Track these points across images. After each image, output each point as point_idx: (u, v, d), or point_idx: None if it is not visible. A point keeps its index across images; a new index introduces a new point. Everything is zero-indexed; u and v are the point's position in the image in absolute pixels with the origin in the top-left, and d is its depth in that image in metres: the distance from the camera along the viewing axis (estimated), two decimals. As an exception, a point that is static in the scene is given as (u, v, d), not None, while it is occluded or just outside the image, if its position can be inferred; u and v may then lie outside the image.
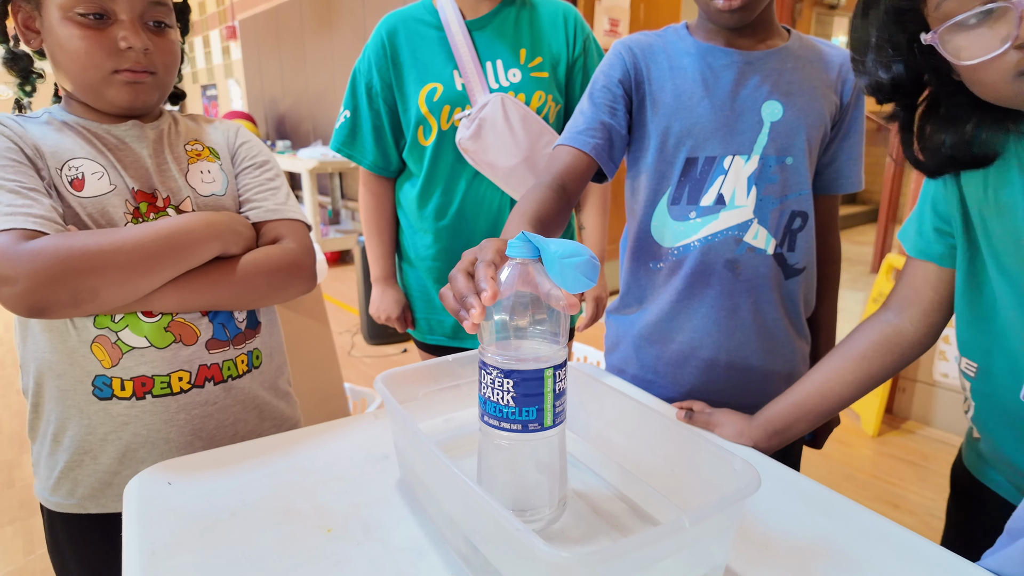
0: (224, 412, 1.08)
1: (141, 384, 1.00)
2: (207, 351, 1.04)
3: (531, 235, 0.67)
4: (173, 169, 1.06)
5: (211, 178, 1.10)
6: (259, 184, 1.14)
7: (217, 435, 1.08)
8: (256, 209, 1.12)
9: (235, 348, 1.08)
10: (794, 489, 0.87)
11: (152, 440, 1.03)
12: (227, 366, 1.07)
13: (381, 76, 1.54)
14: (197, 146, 1.12)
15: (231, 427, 1.09)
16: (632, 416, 0.82)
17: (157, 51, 1.02)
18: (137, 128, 1.05)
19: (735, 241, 1.12)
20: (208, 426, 1.06)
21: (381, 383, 0.84)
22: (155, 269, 0.94)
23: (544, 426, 0.69)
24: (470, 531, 0.69)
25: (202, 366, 1.04)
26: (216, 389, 1.06)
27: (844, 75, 1.15)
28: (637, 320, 1.24)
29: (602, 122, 1.12)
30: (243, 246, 1.05)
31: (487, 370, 0.69)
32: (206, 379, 1.05)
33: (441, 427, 0.96)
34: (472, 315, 0.65)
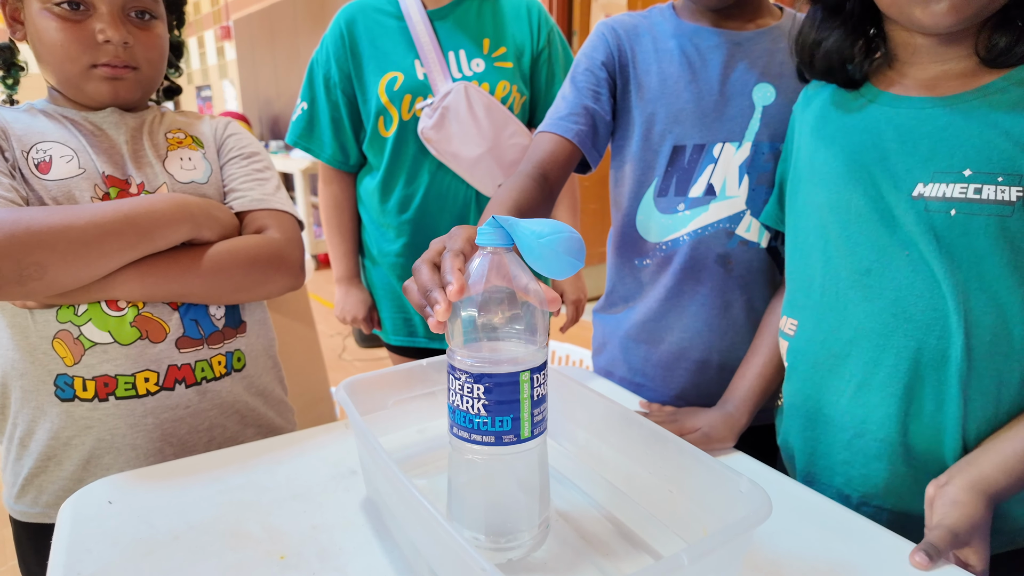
0: (198, 417, 1.00)
1: (103, 384, 0.93)
2: (177, 350, 0.96)
3: (503, 218, 0.60)
4: (150, 155, 0.99)
5: (191, 165, 1.03)
6: (245, 174, 1.07)
7: (190, 441, 1.00)
8: (240, 198, 1.04)
9: (210, 348, 1.00)
10: (804, 507, 0.80)
11: (118, 446, 0.95)
12: (201, 367, 0.99)
13: (340, 66, 1.47)
14: (179, 134, 1.05)
15: (206, 433, 1.01)
16: (622, 426, 0.75)
17: (140, 44, 0.96)
18: (116, 115, 0.99)
19: (727, 234, 1.05)
20: (180, 431, 0.98)
21: (343, 391, 0.76)
22: (112, 248, 0.86)
23: (521, 438, 0.62)
24: (434, 563, 0.62)
25: (171, 366, 0.96)
26: (188, 392, 0.98)
27: None
28: (624, 320, 1.17)
29: (585, 107, 1.05)
30: (220, 232, 0.97)
31: (455, 375, 0.62)
32: (176, 381, 0.97)
33: (413, 440, 0.87)
34: (437, 312, 0.59)
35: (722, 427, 0.94)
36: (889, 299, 0.79)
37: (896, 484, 0.82)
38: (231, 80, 7.50)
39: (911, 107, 0.79)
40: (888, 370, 0.79)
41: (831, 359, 0.85)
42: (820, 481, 0.90)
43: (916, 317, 0.77)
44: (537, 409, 0.63)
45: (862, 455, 0.83)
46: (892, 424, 0.80)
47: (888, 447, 0.81)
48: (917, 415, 0.78)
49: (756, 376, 1.00)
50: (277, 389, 1.14)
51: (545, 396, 0.64)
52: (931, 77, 0.79)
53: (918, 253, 0.76)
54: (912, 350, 0.77)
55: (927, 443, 0.79)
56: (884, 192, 0.78)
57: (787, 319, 0.93)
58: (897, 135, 0.78)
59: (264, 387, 1.09)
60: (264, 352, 1.10)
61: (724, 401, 1.00)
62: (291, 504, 0.78)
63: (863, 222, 0.80)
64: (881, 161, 0.79)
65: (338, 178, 1.59)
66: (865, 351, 0.81)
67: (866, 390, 0.82)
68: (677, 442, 0.67)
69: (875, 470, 0.83)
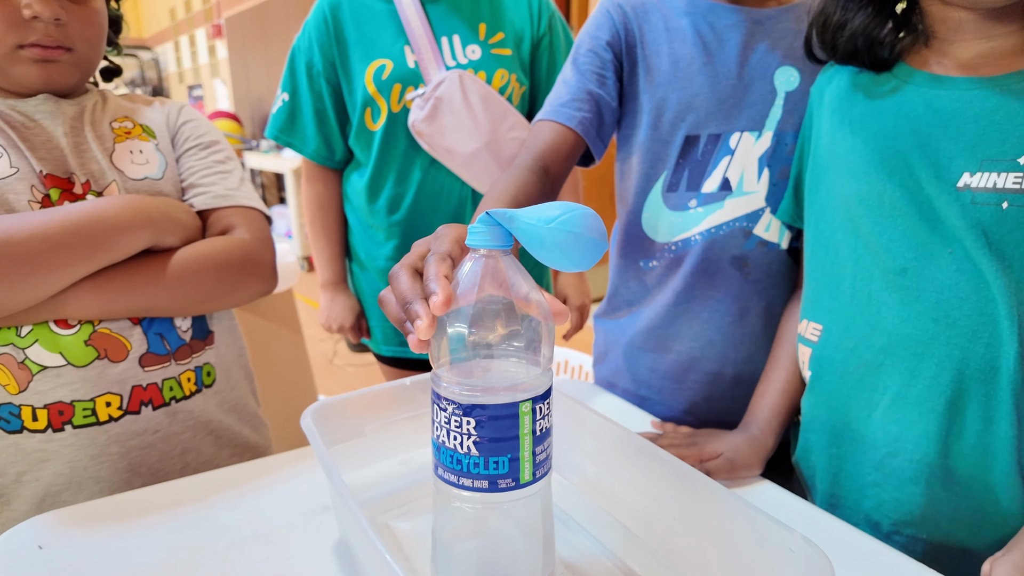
0: (169, 441, 0.89)
1: (58, 412, 0.81)
2: (141, 368, 0.85)
3: (498, 212, 0.49)
4: (95, 149, 0.87)
5: (143, 159, 0.91)
6: (205, 167, 0.95)
7: (162, 469, 0.89)
8: (202, 195, 0.93)
9: (178, 363, 0.89)
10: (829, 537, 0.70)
11: (78, 480, 0.84)
12: (169, 386, 0.88)
13: (323, 54, 1.36)
14: (127, 123, 0.92)
15: (179, 459, 0.90)
16: (640, 459, 0.64)
17: (75, 22, 0.83)
18: (51, 103, 0.86)
19: (743, 234, 0.95)
20: (150, 459, 0.87)
21: (309, 418, 0.65)
22: (61, 264, 0.75)
23: (520, 482, 0.51)
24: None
25: (136, 387, 0.85)
26: (156, 414, 0.87)
27: None
28: (628, 326, 1.06)
29: (589, 92, 0.94)
30: (182, 236, 0.87)
31: (440, 405, 0.51)
32: (142, 403, 0.86)
33: (395, 473, 0.76)
34: (418, 328, 0.48)
35: (747, 452, 0.84)
36: (929, 302, 0.70)
37: (934, 511, 0.73)
38: (223, 79, 7.41)
39: (954, 88, 0.70)
40: (927, 382, 0.71)
41: (861, 368, 0.77)
42: (845, 505, 0.80)
43: (960, 323, 0.69)
44: (540, 446, 0.52)
45: (895, 477, 0.75)
46: (931, 443, 0.72)
47: (926, 469, 0.72)
48: (961, 434, 0.70)
49: (779, 393, 0.90)
50: (251, 402, 1.03)
51: (549, 429, 0.53)
52: (975, 55, 0.71)
53: (963, 251, 0.68)
54: (956, 360, 0.69)
55: (972, 466, 0.70)
56: (923, 183, 0.70)
57: (809, 323, 0.84)
58: (938, 119, 0.70)
59: (238, 401, 0.99)
60: (235, 363, 0.99)
61: (747, 423, 0.90)
62: (252, 548, 0.67)
63: (898, 216, 0.72)
64: (920, 148, 0.71)
65: (323, 175, 1.48)
66: (901, 360, 0.73)
67: (901, 404, 0.73)
68: (708, 483, 0.56)
69: (910, 494, 0.74)
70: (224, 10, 7.14)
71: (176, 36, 8.22)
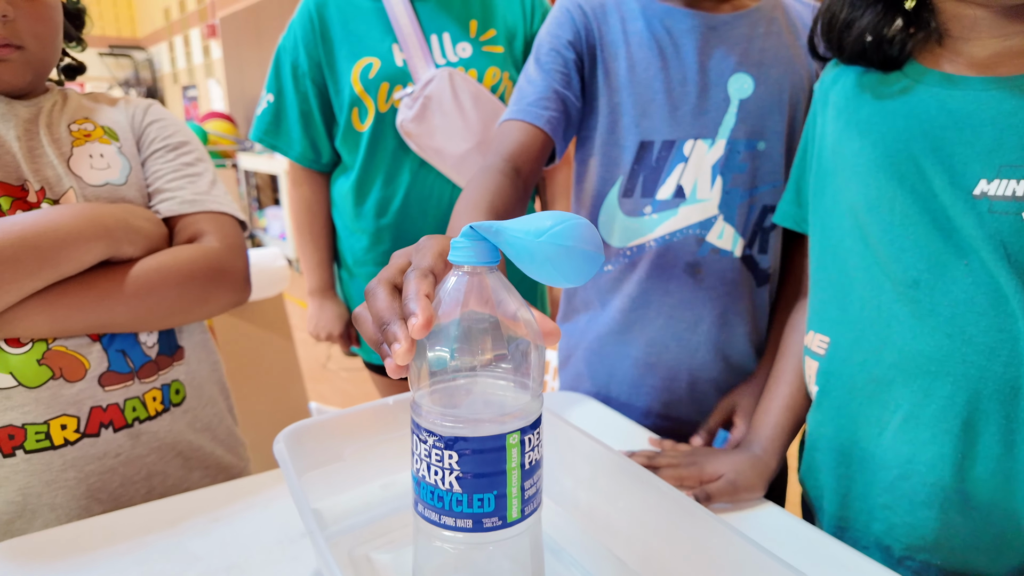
0: (132, 465, 0.83)
1: (8, 436, 0.76)
2: (101, 388, 0.80)
3: (482, 225, 0.45)
4: (50, 153, 0.81)
5: (104, 163, 0.85)
6: (173, 171, 0.90)
7: (124, 495, 0.83)
8: (168, 200, 0.87)
9: (142, 382, 0.83)
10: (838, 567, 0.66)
11: (32, 508, 0.78)
12: (132, 406, 0.82)
13: (308, 53, 1.31)
14: (87, 125, 0.86)
15: (143, 483, 0.85)
16: (636, 488, 0.59)
17: (24, 18, 0.78)
18: (2, 105, 0.81)
19: (696, 241, 0.94)
20: (110, 485, 0.82)
21: (282, 443, 0.60)
22: (6, 279, 0.70)
23: (507, 521, 0.47)
24: None
25: (95, 408, 0.79)
26: (117, 437, 0.82)
27: None
28: (588, 330, 1.05)
29: (556, 91, 0.92)
30: (143, 246, 0.81)
31: (420, 436, 0.46)
32: (101, 425, 0.80)
33: (376, 499, 0.71)
34: (395, 352, 0.44)
35: (750, 473, 0.80)
36: (943, 317, 0.66)
37: (949, 537, 0.69)
38: (217, 80, 7.36)
39: (969, 89, 0.66)
40: (942, 402, 0.67)
41: (871, 384, 0.72)
42: (855, 527, 0.76)
43: (977, 339, 0.65)
44: (529, 480, 0.47)
45: (907, 500, 0.71)
46: (946, 466, 0.67)
47: (940, 493, 0.68)
48: (979, 458, 0.66)
49: (783, 409, 0.86)
50: (226, 420, 0.97)
51: (539, 461, 0.49)
52: (991, 55, 0.66)
53: (979, 262, 0.64)
54: (972, 379, 0.65)
55: (992, 492, 0.66)
56: (936, 189, 0.66)
57: (815, 335, 0.80)
58: (952, 122, 0.66)
59: (210, 421, 0.93)
60: (208, 379, 0.94)
61: (749, 441, 0.86)
62: (224, 580, 0.63)
63: (909, 225, 0.68)
64: (932, 152, 0.66)
65: (309, 179, 1.43)
66: (913, 377, 0.68)
67: (914, 424, 0.69)
68: (709, 517, 0.52)
69: (923, 519, 0.70)
70: (218, 10, 7.11)
71: (170, 36, 8.17)
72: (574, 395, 1.04)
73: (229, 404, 1.00)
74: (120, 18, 8.89)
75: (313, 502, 0.64)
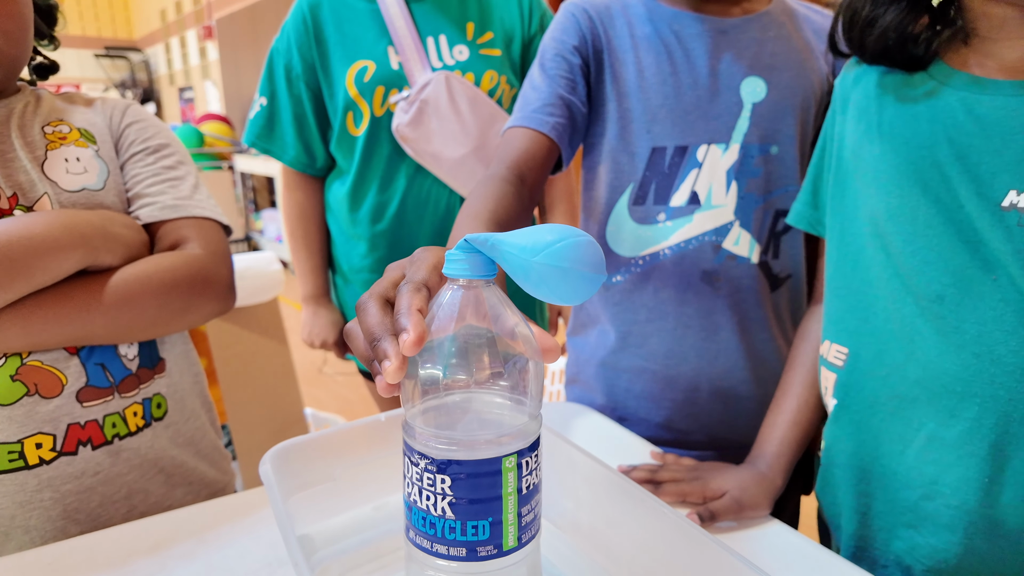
0: (111, 483, 0.80)
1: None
2: (79, 404, 0.76)
3: (478, 237, 0.42)
4: (23, 158, 0.77)
5: (81, 167, 0.81)
6: (153, 175, 0.86)
7: (103, 515, 0.80)
8: (149, 206, 0.84)
9: (122, 396, 0.80)
10: None
11: (4, 530, 0.75)
12: (111, 422, 0.79)
13: (302, 56, 1.28)
14: (62, 127, 0.82)
15: (124, 502, 0.81)
16: (641, 514, 0.56)
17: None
18: None
19: (713, 248, 0.92)
20: (89, 504, 0.78)
21: (268, 465, 0.58)
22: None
23: (503, 549, 0.44)
24: None
25: (72, 425, 0.76)
26: (96, 455, 0.78)
27: None
28: (599, 345, 1.02)
29: (561, 97, 0.90)
30: (123, 255, 0.77)
31: (412, 458, 0.44)
32: (79, 442, 0.77)
33: (368, 520, 0.67)
34: (386, 370, 0.41)
35: (755, 491, 0.77)
36: (970, 335, 0.62)
37: (974, 562, 0.65)
38: (214, 81, 7.32)
39: (998, 93, 0.62)
40: (968, 424, 0.63)
41: (894, 400, 0.69)
42: (874, 546, 0.73)
43: (1006, 359, 0.61)
44: (526, 506, 0.45)
45: (931, 522, 0.67)
46: (972, 490, 0.64)
47: (965, 516, 0.65)
48: (1008, 483, 0.62)
49: (790, 424, 0.83)
50: (209, 434, 0.94)
51: (537, 486, 0.46)
52: (1021, 57, 0.63)
53: (1008, 279, 0.60)
54: (1002, 401, 0.61)
55: (1022, 519, 0.62)
56: (962, 199, 0.62)
57: (832, 345, 0.76)
58: (980, 128, 0.62)
59: (193, 435, 0.90)
60: (190, 391, 0.91)
61: (754, 457, 0.83)
62: (207, 606, 0.60)
63: (933, 236, 0.64)
64: (958, 160, 0.63)
65: (303, 183, 1.40)
66: (939, 397, 0.65)
67: (938, 445, 0.66)
68: (715, 548, 0.49)
69: (946, 542, 0.66)
70: (215, 11, 7.07)
71: (167, 38, 8.13)
72: (575, 406, 1.01)
73: (212, 417, 0.96)
74: (116, 19, 8.85)
75: (302, 526, 0.61)
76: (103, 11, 8.75)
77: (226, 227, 0.90)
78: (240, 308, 1.57)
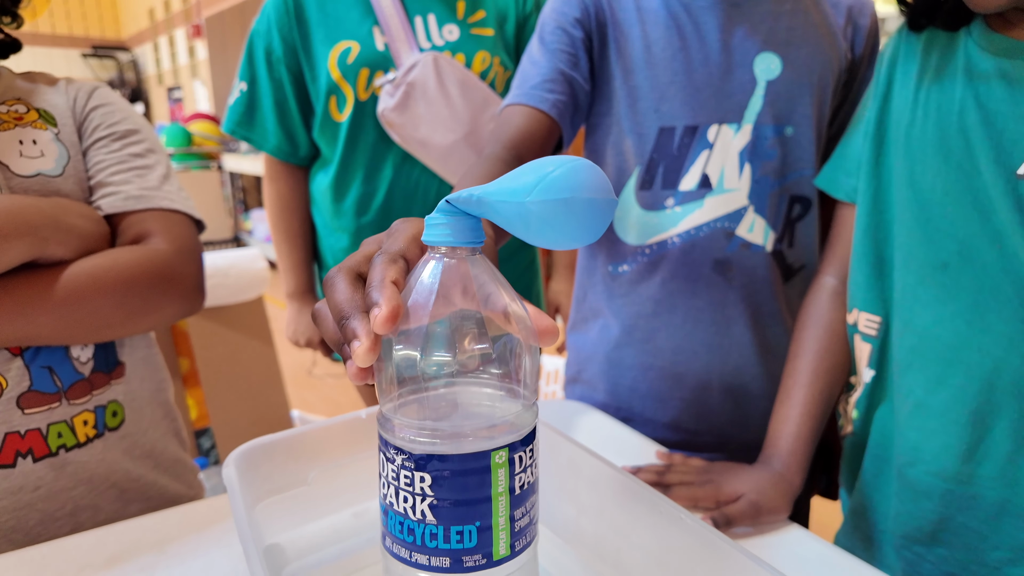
0: (54, 500, 0.73)
1: None
2: (20, 410, 0.70)
3: (459, 196, 0.36)
4: None
5: (37, 151, 0.75)
6: (118, 161, 0.80)
7: (44, 534, 0.73)
8: (112, 195, 0.78)
9: (72, 403, 0.73)
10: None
11: None
12: (57, 432, 0.72)
13: (283, 37, 1.22)
14: (19, 107, 0.76)
15: (68, 519, 0.75)
16: (652, 519, 0.50)
17: None
18: None
19: (725, 235, 0.87)
20: (27, 522, 0.72)
21: (231, 467, 0.51)
22: None
23: (493, 559, 0.38)
24: None
25: (11, 435, 0.69)
26: (37, 467, 0.71)
27: (855, 19, 0.90)
28: (602, 340, 0.97)
29: (562, 72, 0.85)
30: (76, 247, 0.71)
31: (387, 454, 0.38)
32: (18, 454, 0.70)
33: (346, 528, 0.60)
34: (355, 351, 0.35)
35: (772, 493, 0.71)
36: (965, 303, 0.63)
37: (947, 532, 0.66)
38: (202, 80, 7.30)
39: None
40: (953, 391, 0.64)
41: (896, 368, 0.71)
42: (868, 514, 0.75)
43: (996, 327, 0.61)
44: (520, 509, 0.38)
45: (911, 489, 0.69)
46: (950, 458, 0.65)
47: (940, 484, 0.66)
48: (988, 454, 0.63)
49: (803, 417, 0.78)
50: (172, 445, 0.87)
51: (533, 485, 0.40)
52: None
53: (1012, 249, 0.59)
54: (986, 370, 0.62)
55: (1000, 491, 0.62)
56: (981, 166, 0.61)
57: (863, 315, 0.75)
58: (1009, 93, 0.60)
59: (153, 446, 0.83)
60: (151, 399, 0.84)
61: (767, 456, 0.77)
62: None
63: (949, 204, 0.63)
64: (985, 125, 0.61)
65: (286, 173, 1.34)
66: (929, 364, 0.66)
67: (923, 412, 0.67)
68: (737, 554, 0.43)
69: (923, 509, 0.68)
70: (204, 10, 7.05)
71: (155, 37, 8.12)
72: (575, 404, 0.95)
73: (175, 427, 0.89)
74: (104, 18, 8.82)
75: (272, 534, 0.55)
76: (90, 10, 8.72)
77: (198, 222, 0.84)
78: (224, 307, 1.51)
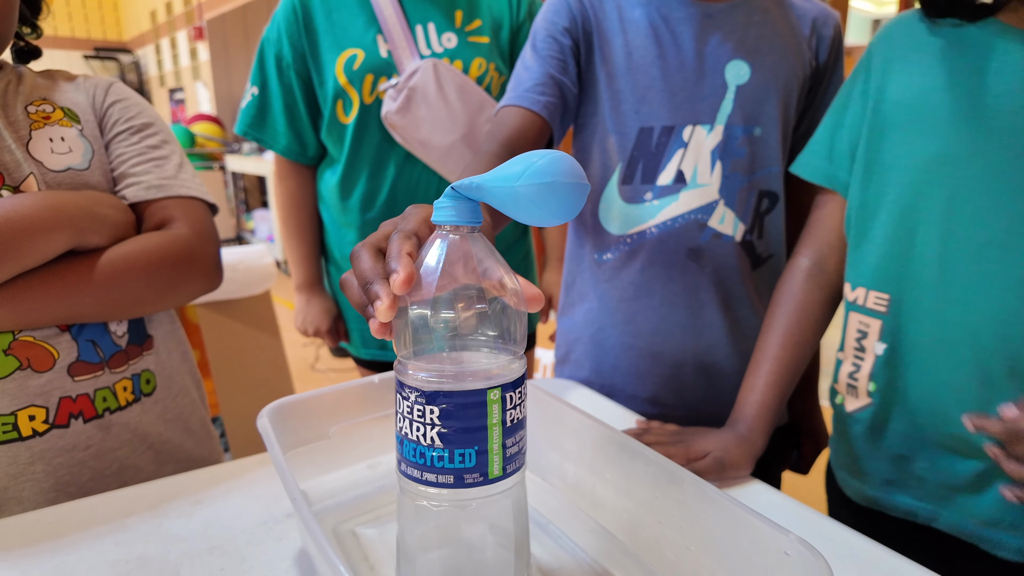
0: (103, 458, 0.81)
1: None
2: (71, 378, 0.78)
3: (462, 184, 0.45)
4: (7, 138, 0.77)
5: (65, 147, 0.82)
6: (138, 153, 0.87)
7: (94, 488, 0.81)
8: (134, 186, 0.85)
9: (112, 372, 0.81)
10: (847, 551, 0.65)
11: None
12: (102, 396, 0.81)
13: (292, 44, 1.31)
14: (45, 107, 0.83)
15: (115, 477, 0.83)
16: (623, 459, 0.59)
17: None
18: None
19: (698, 226, 0.95)
20: (80, 478, 0.80)
21: (265, 419, 0.60)
22: None
23: (489, 477, 0.46)
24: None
25: (65, 399, 0.77)
26: (88, 428, 0.80)
27: (819, 31, 0.98)
28: (588, 323, 1.05)
29: (552, 77, 0.93)
30: (110, 235, 0.79)
31: (403, 394, 0.46)
32: (71, 415, 0.78)
33: (363, 478, 0.70)
34: (378, 309, 0.44)
35: (737, 451, 0.79)
36: (1014, 279, 0.67)
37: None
38: (204, 82, 7.34)
39: None
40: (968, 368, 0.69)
41: (933, 343, 0.74)
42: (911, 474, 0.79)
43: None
44: (511, 439, 0.47)
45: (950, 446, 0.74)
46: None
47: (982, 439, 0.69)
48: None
49: (768, 387, 0.86)
50: (199, 411, 0.96)
51: (522, 421, 0.48)
52: None
53: None
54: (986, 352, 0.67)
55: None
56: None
57: (870, 292, 0.79)
58: None
59: (181, 412, 0.92)
60: (178, 369, 0.92)
61: (734, 420, 0.85)
62: (206, 559, 0.62)
63: (996, 182, 0.68)
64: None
65: (295, 172, 1.42)
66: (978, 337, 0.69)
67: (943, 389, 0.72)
68: (696, 483, 0.51)
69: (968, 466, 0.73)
70: (206, 12, 7.08)
71: (157, 39, 8.13)
72: (563, 382, 1.04)
73: (201, 394, 0.98)
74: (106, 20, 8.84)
75: (298, 480, 0.63)
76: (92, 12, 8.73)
77: (212, 205, 0.92)
78: (233, 300, 1.58)
